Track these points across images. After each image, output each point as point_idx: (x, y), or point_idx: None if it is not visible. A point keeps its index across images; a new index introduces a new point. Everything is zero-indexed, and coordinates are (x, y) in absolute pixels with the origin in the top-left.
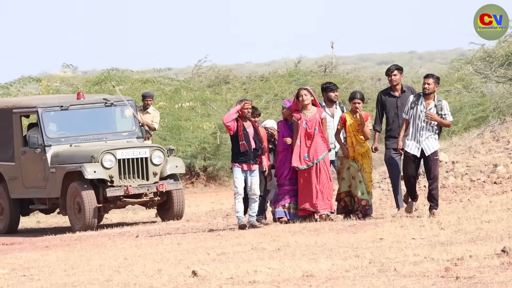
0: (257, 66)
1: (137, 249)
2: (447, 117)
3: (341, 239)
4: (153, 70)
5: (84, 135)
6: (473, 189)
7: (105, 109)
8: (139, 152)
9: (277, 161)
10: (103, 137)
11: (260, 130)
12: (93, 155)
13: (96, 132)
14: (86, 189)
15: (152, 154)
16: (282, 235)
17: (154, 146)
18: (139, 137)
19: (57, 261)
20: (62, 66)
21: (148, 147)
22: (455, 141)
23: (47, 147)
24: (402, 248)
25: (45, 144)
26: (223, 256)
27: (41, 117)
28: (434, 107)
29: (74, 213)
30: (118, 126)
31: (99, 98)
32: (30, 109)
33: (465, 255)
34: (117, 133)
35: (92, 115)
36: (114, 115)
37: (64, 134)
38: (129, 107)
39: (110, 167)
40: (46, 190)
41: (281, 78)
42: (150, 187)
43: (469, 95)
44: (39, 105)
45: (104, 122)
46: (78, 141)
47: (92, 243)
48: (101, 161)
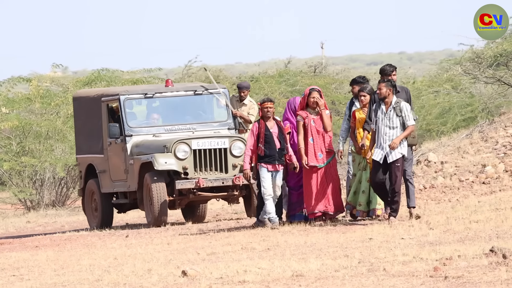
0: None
1: (127, 249)
2: (408, 121)
3: (330, 239)
4: (143, 70)
5: (169, 125)
6: (461, 189)
7: (194, 97)
8: (217, 142)
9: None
10: (191, 128)
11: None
12: (166, 145)
13: (183, 122)
14: (156, 181)
15: (232, 145)
16: (272, 235)
17: (235, 136)
18: (231, 128)
19: (47, 261)
20: (52, 66)
21: (228, 137)
22: (444, 141)
23: (128, 137)
24: (391, 248)
25: (126, 134)
26: (213, 256)
27: (123, 105)
28: (393, 110)
29: (148, 207)
30: (208, 116)
31: (189, 86)
32: (113, 97)
33: (454, 255)
34: (207, 123)
35: (180, 104)
36: (204, 104)
37: (148, 123)
38: (222, 95)
39: (184, 158)
40: (126, 183)
41: (271, 78)
42: (225, 180)
43: (458, 95)
44: (121, 92)
45: (192, 112)
46: (161, 131)
47: (82, 243)
48: (174, 151)
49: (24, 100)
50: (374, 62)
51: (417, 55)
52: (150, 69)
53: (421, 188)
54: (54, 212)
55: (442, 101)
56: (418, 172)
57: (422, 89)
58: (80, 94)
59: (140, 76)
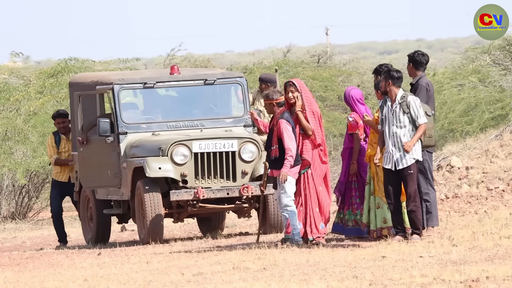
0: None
1: (99, 268)
2: (418, 118)
3: (336, 257)
4: (118, 61)
5: (173, 121)
6: (490, 199)
7: (205, 87)
8: (223, 144)
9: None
10: (199, 124)
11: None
12: (161, 147)
13: (190, 117)
14: (149, 190)
15: (241, 148)
16: (268, 252)
17: (245, 137)
18: (247, 126)
19: (4, 283)
20: (11, 55)
21: (237, 139)
22: (470, 144)
23: (122, 135)
24: (408, 268)
25: (120, 131)
26: (200, 276)
27: (117, 96)
28: (399, 106)
29: (140, 220)
30: (220, 110)
31: (199, 73)
32: (106, 86)
33: (481, 276)
34: (219, 119)
35: (187, 95)
36: (216, 95)
37: (147, 119)
38: (240, 86)
39: (183, 163)
40: (120, 191)
41: (268, 69)
42: (231, 191)
43: (486, 89)
44: (115, 81)
45: (202, 105)
46: (163, 128)
47: (47, 262)
48: (171, 155)
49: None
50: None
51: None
52: (126, 59)
53: (442, 198)
54: (14, 226)
55: (467, 96)
56: (440, 179)
57: (444, 82)
58: (76, 80)
59: (115, 66)
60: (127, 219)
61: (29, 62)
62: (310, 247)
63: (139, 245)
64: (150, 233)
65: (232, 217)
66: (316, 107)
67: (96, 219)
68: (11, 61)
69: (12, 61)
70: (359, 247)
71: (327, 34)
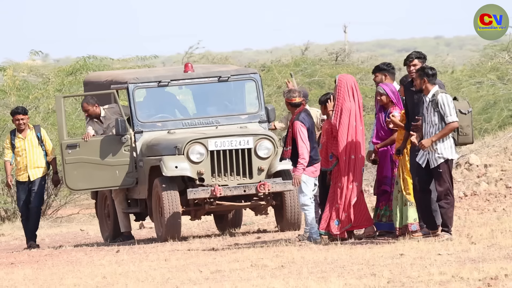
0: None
1: (117, 266)
2: (447, 116)
3: (354, 255)
4: (136, 58)
5: (188, 119)
6: (509, 197)
7: (219, 85)
8: (239, 141)
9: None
10: (214, 121)
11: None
12: (177, 146)
13: (205, 114)
14: (166, 189)
15: (257, 145)
16: (286, 250)
17: (261, 134)
18: (262, 121)
19: (24, 280)
20: (30, 53)
21: (252, 135)
22: (488, 141)
23: (138, 134)
24: (426, 266)
25: (136, 130)
26: (218, 274)
27: (132, 95)
28: (431, 104)
29: (158, 218)
30: (235, 107)
31: (213, 70)
32: (121, 85)
33: (500, 274)
34: (233, 115)
35: (201, 92)
36: (231, 92)
37: (162, 117)
38: (253, 82)
39: (199, 161)
40: (137, 189)
41: (286, 67)
42: (248, 188)
43: (505, 87)
44: (130, 80)
45: (216, 102)
46: (179, 126)
47: (66, 259)
48: (187, 153)
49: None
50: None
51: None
52: (145, 56)
53: (461, 196)
54: None
55: (486, 93)
56: (458, 177)
57: (463, 79)
58: (90, 79)
59: (133, 64)
60: (144, 217)
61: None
62: (328, 244)
63: (157, 242)
64: (168, 231)
65: (250, 214)
66: (351, 105)
67: (113, 217)
68: (31, 59)
69: (31, 59)
70: (377, 244)
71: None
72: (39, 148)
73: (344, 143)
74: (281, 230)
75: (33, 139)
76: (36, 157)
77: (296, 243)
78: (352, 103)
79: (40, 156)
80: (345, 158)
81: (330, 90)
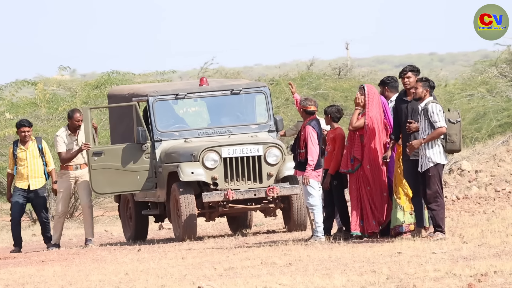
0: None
1: (139, 263)
2: (436, 122)
3: (356, 253)
4: (156, 73)
5: (203, 129)
6: (497, 200)
7: (231, 97)
8: (250, 149)
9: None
10: (227, 131)
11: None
12: (193, 153)
13: (219, 124)
14: (183, 193)
15: (266, 152)
16: (294, 248)
17: (270, 143)
18: (271, 131)
19: (53, 277)
20: (59, 68)
21: (262, 144)
22: (479, 149)
23: (157, 143)
24: (422, 263)
25: (155, 139)
26: (231, 271)
27: (152, 107)
28: (423, 112)
29: (175, 220)
30: (246, 118)
31: (226, 84)
32: (142, 98)
33: (490, 270)
34: (244, 125)
35: (215, 104)
36: (242, 104)
37: (180, 127)
38: (262, 95)
39: (213, 167)
40: (156, 193)
41: (293, 81)
42: (258, 192)
43: (494, 99)
44: (150, 93)
45: (229, 113)
46: (195, 135)
47: (91, 257)
48: (202, 160)
49: (29, 105)
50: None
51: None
52: (164, 71)
53: (453, 199)
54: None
55: (476, 105)
56: (451, 181)
57: (455, 92)
58: (114, 92)
59: (153, 79)
60: (163, 219)
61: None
62: (332, 243)
63: (175, 242)
64: (185, 231)
65: (260, 216)
66: (376, 113)
67: (134, 219)
68: (59, 74)
69: (60, 74)
70: (377, 244)
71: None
72: (39, 159)
73: (372, 148)
74: (288, 231)
75: (35, 150)
76: (36, 168)
77: (303, 243)
78: (377, 112)
79: (40, 166)
80: (370, 163)
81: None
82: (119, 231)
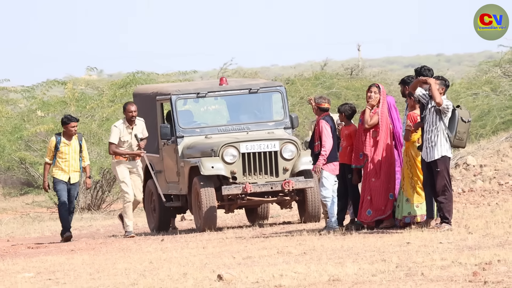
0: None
1: (162, 253)
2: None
3: (367, 243)
4: (178, 73)
5: (223, 125)
6: (501, 192)
7: (250, 96)
8: (267, 145)
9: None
10: (245, 128)
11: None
12: (213, 149)
13: (237, 122)
14: (204, 186)
15: (282, 148)
16: (308, 239)
17: (285, 139)
18: (287, 128)
19: (82, 265)
20: (87, 69)
21: (278, 140)
22: (483, 145)
23: (179, 139)
24: (429, 253)
25: (177, 135)
26: (249, 260)
27: (174, 105)
28: (433, 108)
29: (196, 212)
30: (263, 115)
31: (244, 83)
32: (165, 97)
33: (493, 259)
34: (262, 122)
35: (234, 103)
36: (259, 102)
37: (200, 124)
38: (279, 93)
39: (232, 162)
40: (178, 186)
41: (307, 81)
42: (274, 185)
43: (497, 98)
44: (173, 92)
45: (247, 111)
46: (215, 132)
47: (118, 246)
48: (222, 155)
49: (60, 103)
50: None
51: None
52: (185, 71)
53: (459, 192)
54: (90, 216)
55: (481, 103)
56: (457, 175)
57: (461, 91)
58: (139, 91)
59: (175, 78)
60: (185, 211)
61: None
62: (345, 234)
63: (196, 232)
64: (205, 222)
65: (276, 208)
66: (386, 110)
67: (158, 210)
68: (87, 74)
69: (88, 75)
70: (387, 234)
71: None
72: (78, 154)
73: (384, 142)
74: (303, 222)
75: (76, 146)
76: (76, 163)
77: (317, 233)
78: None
79: (78, 161)
80: (379, 157)
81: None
82: (143, 222)
